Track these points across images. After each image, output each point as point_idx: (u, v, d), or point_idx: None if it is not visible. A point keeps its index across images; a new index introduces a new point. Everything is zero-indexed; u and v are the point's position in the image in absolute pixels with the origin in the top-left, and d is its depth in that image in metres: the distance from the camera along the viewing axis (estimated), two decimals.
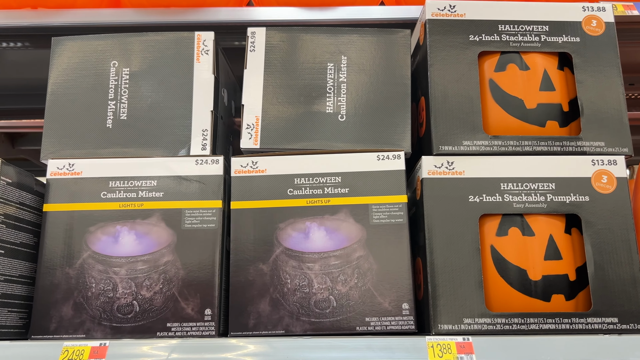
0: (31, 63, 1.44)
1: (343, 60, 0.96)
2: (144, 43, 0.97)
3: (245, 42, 1.17)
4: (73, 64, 0.97)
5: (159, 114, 0.94)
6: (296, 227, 0.88)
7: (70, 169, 0.90)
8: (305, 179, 0.90)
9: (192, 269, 0.86)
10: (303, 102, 0.95)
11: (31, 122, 1.84)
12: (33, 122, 1.84)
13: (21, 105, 1.64)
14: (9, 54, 1.37)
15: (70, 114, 0.95)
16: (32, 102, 1.62)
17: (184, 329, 0.83)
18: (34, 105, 1.62)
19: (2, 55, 1.39)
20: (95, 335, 0.83)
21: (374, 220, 0.88)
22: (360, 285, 0.85)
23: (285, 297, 0.85)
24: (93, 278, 0.86)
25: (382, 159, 0.90)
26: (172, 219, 0.88)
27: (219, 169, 0.90)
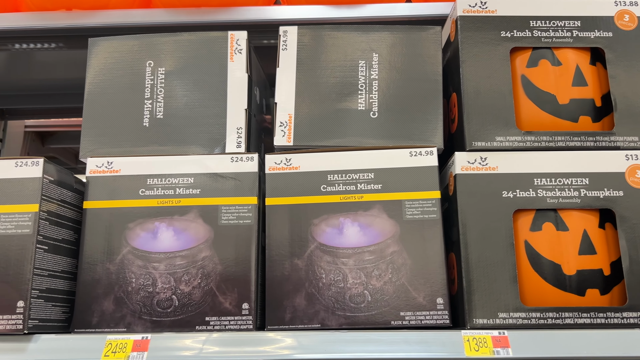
0: (60, 63, 1.47)
1: (374, 57, 0.97)
2: (178, 43, 0.99)
3: (273, 40, 1.20)
4: (109, 63, 0.99)
5: (194, 113, 0.96)
6: (330, 222, 0.89)
7: (109, 167, 0.93)
8: (339, 175, 0.91)
9: (229, 264, 0.88)
10: (335, 100, 0.96)
11: (61, 121, 1.88)
12: (62, 121, 1.88)
13: (50, 104, 1.67)
14: (38, 54, 1.40)
15: (108, 113, 0.97)
16: (61, 101, 1.65)
17: (222, 322, 0.85)
18: (63, 104, 1.65)
19: (32, 56, 1.42)
20: (136, 329, 0.85)
21: (407, 216, 0.89)
22: (394, 280, 0.86)
23: (320, 291, 0.87)
24: (133, 273, 0.88)
25: (414, 155, 0.91)
26: (209, 215, 0.90)
27: (254, 166, 0.92)
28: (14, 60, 1.44)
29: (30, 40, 1.26)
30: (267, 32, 1.16)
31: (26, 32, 1.21)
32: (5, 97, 1.62)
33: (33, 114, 1.73)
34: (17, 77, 1.53)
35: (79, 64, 1.42)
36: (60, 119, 1.85)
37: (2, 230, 0.83)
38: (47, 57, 1.43)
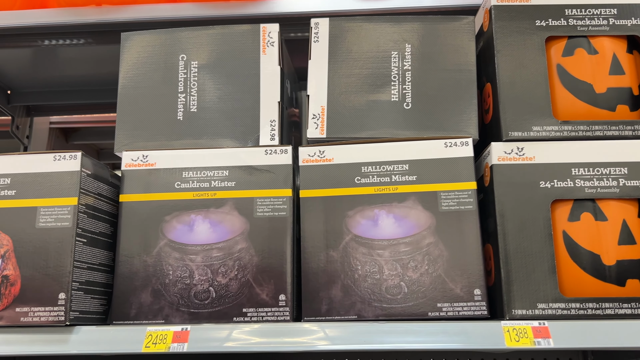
0: (85, 59, 1.47)
1: (407, 48, 0.97)
2: (211, 36, 0.99)
3: (300, 33, 1.20)
4: (142, 58, 1.00)
5: (227, 106, 0.96)
6: (365, 214, 0.89)
7: (144, 161, 0.93)
8: (373, 167, 0.91)
9: (265, 256, 0.88)
10: (368, 91, 0.96)
11: (84, 118, 1.90)
12: (86, 118, 1.90)
13: (75, 100, 1.68)
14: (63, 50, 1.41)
15: (142, 107, 0.98)
16: (86, 97, 1.66)
17: (260, 314, 0.85)
18: (88, 100, 1.66)
19: (57, 52, 1.43)
20: (174, 320, 0.86)
21: (443, 207, 0.88)
22: (431, 271, 0.86)
23: (356, 283, 0.87)
24: (170, 265, 0.88)
25: (449, 146, 0.91)
26: (244, 208, 0.90)
27: (288, 159, 0.92)
28: (39, 57, 1.45)
29: (59, 36, 1.27)
30: (296, 25, 1.16)
31: (56, 28, 1.22)
32: (31, 94, 1.63)
33: (58, 111, 1.74)
34: (43, 73, 1.55)
35: (104, 60, 1.44)
36: (84, 115, 1.86)
37: (43, 223, 0.84)
38: (72, 53, 1.43)
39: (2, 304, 0.82)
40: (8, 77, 1.54)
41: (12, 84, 1.58)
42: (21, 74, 1.53)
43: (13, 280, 0.82)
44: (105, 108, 1.70)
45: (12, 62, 1.45)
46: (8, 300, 0.82)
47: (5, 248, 0.84)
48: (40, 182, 0.86)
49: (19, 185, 0.86)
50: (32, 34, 1.28)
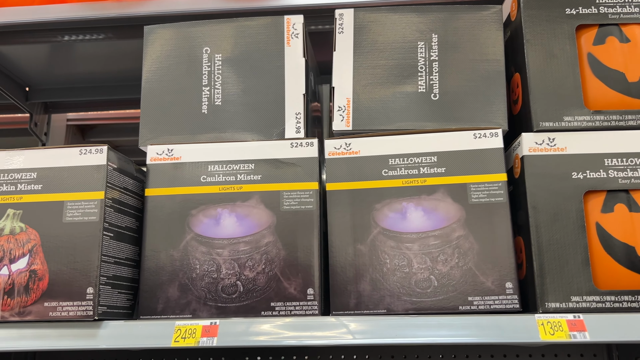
0: (104, 55, 1.47)
1: (434, 38, 0.95)
2: (235, 29, 0.98)
3: (321, 26, 1.19)
4: (166, 51, 0.99)
5: (252, 99, 0.95)
6: (393, 207, 0.88)
7: (169, 154, 0.93)
8: (400, 159, 0.90)
9: (292, 250, 0.87)
10: (394, 82, 0.94)
11: (101, 114, 1.89)
12: (102, 114, 1.90)
13: (93, 97, 1.68)
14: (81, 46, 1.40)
15: (166, 100, 0.97)
16: (103, 93, 1.66)
17: (288, 308, 0.84)
18: (105, 96, 1.66)
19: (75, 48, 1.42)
20: (201, 315, 0.85)
21: (472, 199, 0.87)
22: (461, 264, 0.85)
23: (385, 276, 0.85)
24: (197, 260, 0.88)
25: (478, 137, 0.89)
26: (270, 201, 0.89)
27: (314, 152, 0.91)
28: (58, 53, 1.45)
29: (79, 31, 1.26)
30: (317, 17, 1.15)
31: (75, 23, 1.21)
32: (49, 91, 1.63)
33: (76, 107, 1.74)
34: (61, 70, 1.54)
35: (124, 56, 1.43)
36: (101, 112, 1.86)
37: (69, 217, 0.84)
38: (92, 49, 1.43)
39: (30, 298, 0.81)
40: (26, 74, 1.54)
41: (30, 80, 1.58)
42: (39, 70, 1.53)
43: (41, 274, 0.82)
44: (123, 104, 1.70)
45: (30, 58, 1.45)
46: (36, 294, 0.81)
47: (32, 242, 0.83)
48: (66, 176, 0.86)
49: (45, 180, 0.86)
50: (51, 29, 1.27)
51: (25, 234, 0.84)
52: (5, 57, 1.43)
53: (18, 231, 0.84)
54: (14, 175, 0.86)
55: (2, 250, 0.83)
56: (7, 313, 0.81)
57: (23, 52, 1.41)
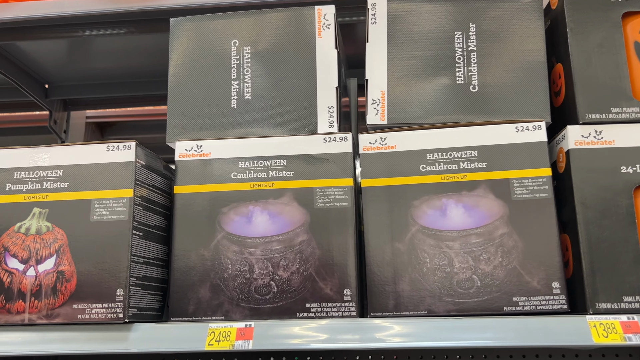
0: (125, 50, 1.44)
1: (471, 28, 0.91)
2: (264, 20, 0.95)
3: (348, 18, 1.15)
4: (193, 44, 0.96)
5: (283, 93, 0.92)
6: (432, 204, 0.85)
7: (198, 151, 0.89)
8: (439, 154, 0.86)
9: (327, 249, 0.84)
10: (431, 74, 0.90)
11: (120, 111, 1.87)
12: (121, 112, 1.87)
13: (112, 93, 1.65)
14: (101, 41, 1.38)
15: (194, 95, 0.94)
16: (123, 90, 1.63)
17: (324, 309, 0.81)
18: (125, 93, 1.63)
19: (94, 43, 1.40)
20: (234, 316, 0.82)
21: (516, 195, 0.83)
22: (505, 263, 0.81)
23: (425, 276, 0.82)
24: (229, 259, 0.84)
25: (521, 131, 0.85)
26: (304, 198, 0.86)
27: (348, 146, 0.87)
28: (78, 48, 1.42)
29: (101, 26, 1.24)
30: (344, 9, 1.11)
31: (97, 17, 1.19)
32: (68, 87, 1.61)
33: (95, 104, 1.72)
34: (80, 66, 1.52)
35: (145, 50, 1.40)
36: (121, 109, 1.84)
37: (97, 216, 0.81)
38: (111, 44, 1.40)
39: (58, 300, 0.79)
40: (45, 70, 1.52)
41: (49, 77, 1.56)
42: (58, 66, 1.50)
43: (69, 275, 0.79)
44: (144, 101, 1.68)
45: (49, 54, 1.42)
46: (64, 296, 0.79)
47: (59, 242, 0.81)
48: (93, 173, 0.83)
49: (72, 178, 0.83)
50: (72, 24, 1.25)
51: (52, 234, 0.81)
52: (25, 54, 1.40)
53: (44, 231, 0.81)
54: (40, 172, 0.84)
55: (29, 250, 0.81)
56: (35, 315, 0.78)
57: (42, 48, 1.39)
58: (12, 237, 0.81)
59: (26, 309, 0.78)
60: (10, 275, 0.80)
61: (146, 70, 1.54)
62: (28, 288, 0.79)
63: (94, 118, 1.82)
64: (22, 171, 0.84)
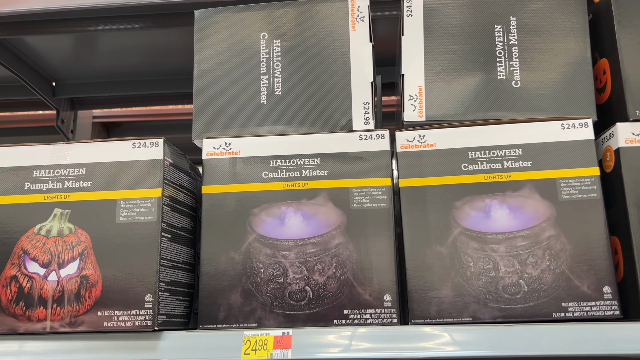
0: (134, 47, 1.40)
1: (512, 21, 0.87)
2: (294, 12, 0.90)
3: (380, 12, 1.10)
4: (220, 38, 0.91)
5: (315, 88, 0.87)
6: (474, 205, 0.80)
7: (227, 149, 0.85)
8: (481, 152, 0.82)
9: (365, 252, 0.79)
10: (470, 69, 0.87)
11: (127, 111, 1.82)
12: (129, 111, 1.82)
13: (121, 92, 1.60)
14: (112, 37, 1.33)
15: (221, 90, 0.89)
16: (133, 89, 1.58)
17: (363, 316, 0.77)
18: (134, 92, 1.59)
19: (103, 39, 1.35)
20: (268, 324, 0.78)
21: (563, 196, 0.79)
22: (553, 267, 0.77)
23: (469, 281, 0.78)
24: (261, 263, 0.80)
25: (567, 128, 0.81)
26: (339, 199, 0.81)
27: (385, 144, 0.83)
28: (86, 45, 1.37)
29: (117, 20, 1.19)
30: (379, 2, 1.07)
31: (114, 10, 1.14)
32: (75, 86, 1.56)
33: (103, 103, 1.67)
34: (89, 63, 1.47)
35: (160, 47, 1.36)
36: (127, 108, 1.79)
37: (124, 217, 0.76)
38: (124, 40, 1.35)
39: (82, 307, 0.74)
40: (53, 67, 1.47)
41: (57, 74, 1.51)
42: (66, 63, 1.45)
43: (93, 280, 0.74)
44: (154, 100, 1.63)
45: (57, 50, 1.37)
46: (89, 303, 0.74)
47: (83, 245, 0.76)
48: (118, 172, 0.78)
49: (96, 176, 0.78)
50: (86, 18, 1.20)
51: (75, 236, 0.76)
52: (32, 49, 1.35)
53: (67, 233, 0.76)
54: (61, 171, 0.79)
55: (50, 253, 0.76)
56: (57, 323, 0.73)
57: (50, 43, 1.34)
58: (32, 240, 0.77)
59: (48, 316, 0.73)
60: (31, 281, 0.75)
61: (158, 69, 1.50)
62: (50, 294, 0.74)
63: (100, 118, 1.77)
64: (41, 169, 0.79)
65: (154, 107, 1.80)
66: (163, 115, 1.86)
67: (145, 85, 1.57)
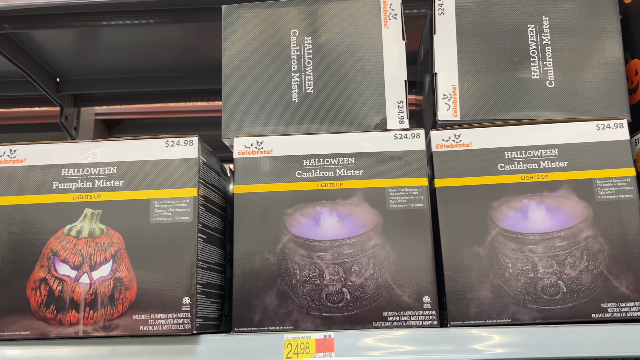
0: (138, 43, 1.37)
1: (544, 21, 0.87)
2: (325, 9, 0.89)
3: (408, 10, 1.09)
4: (249, 34, 0.89)
5: (348, 86, 0.86)
6: (512, 205, 0.80)
7: (259, 148, 0.83)
8: (517, 152, 0.81)
9: (403, 253, 0.78)
10: (504, 68, 0.86)
11: (129, 109, 1.79)
12: (130, 109, 1.79)
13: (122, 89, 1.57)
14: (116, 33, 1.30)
15: (251, 88, 0.87)
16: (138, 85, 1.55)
17: (402, 318, 0.76)
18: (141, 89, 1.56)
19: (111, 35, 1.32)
20: (304, 326, 0.76)
21: (600, 196, 0.79)
22: (591, 268, 0.77)
23: (507, 282, 0.77)
24: (296, 264, 0.78)
25: (602, 129, 0.81)
26: (375, 199, 0.80)
27: (421, 144, 0.82)
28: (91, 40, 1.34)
29: (131, 15, 1.16)
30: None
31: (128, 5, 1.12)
32: (79, 82, 1.52)
33: (105, 100, 1.63)
34: (93, 59, 1.44)
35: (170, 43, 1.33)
36: (128, 105, 1.75)
37: (158, 218, 0.74)
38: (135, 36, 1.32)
39: (116, 310, 0.71)
40: (58, 63, 1.43)
41: (61, 70, 1.47)
42: (71, 59, 1.42)
43: (128, 283, 0.72)
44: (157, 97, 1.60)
45: (62, 45, 1.34)
46: (123, 306, 0.71)
47: (116, 247, 0.73)
48: (151, 171, 0.76)
49: (127, 175, 0.76)
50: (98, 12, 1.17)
51: (107, 237, 0.74)
52: (38, 44, 1.32)
53: (98, 233, 0.74)
54: (90, 170, 0.76)
55: (81, 255, 0.73)
56: (90, 327, 0.71)
57: (55, 38, 1.30)
58: (62, 241, 0.74)
59: (80, 320, 0.71)
60: (61, 283, 0.72)
61: (163, 65, 1.47)
62: (82, 297, 0.72)
63: (102, 115, 1.73)
64: (70, 168, 0.77)
65: (155, 105, 1.77)
66: (165, 113, 1.84)
67: (151, 82, 1.55)
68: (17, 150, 0.78)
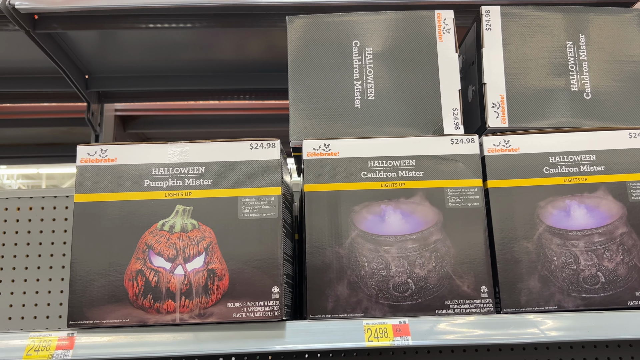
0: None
1: (581, 38, 0.97)
2: (385, 22, 0.96)
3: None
4: (313, 43, 0.96)
5: (406, 94, 0.94)
6: (556, 205, 0.89)
7: (326, 150, 0.90)
8: (560, 157, 0.91)
9: (462, 247, 0.87)
10: (546, 80, 0.95)
11: (145, 105, 1.82)
12: (147, 105, 1.82)
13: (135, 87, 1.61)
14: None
15: (317, 94, 0.94)
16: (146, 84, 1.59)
17: (462, 306, 0.84)
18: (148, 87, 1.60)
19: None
20: (374, 313, 0.84)
21: (633, 197, 0.89)
22: (626, 261, 0.87)
23: (553, 273, 0.86)
24: (364, 257, 0.86)
25: (634, 137, 0.91)
26: (435, 198, 0.88)
27: (475, 148, 0.90)
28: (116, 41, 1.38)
29: (175, 18, 1.21)
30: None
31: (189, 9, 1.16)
32: (105, 79, 1.55)
33: (127, 97, 1.67)
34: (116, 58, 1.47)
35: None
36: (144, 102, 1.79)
37: (246, 214, 0.80)
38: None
39: (210, 299, 0.78)
40: (87, 61, 1.46)
41: (90, 68, 1.50)
42: (98, 57, 1.45)
43: (220, 274, 0.78)
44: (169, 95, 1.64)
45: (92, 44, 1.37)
46: (217, 295, 0.78)
47: (207, 240, 0.79)
48: (237, 170, 0.82)
49: (215, 175, 0.82)
50: (138, 15, 1.22)
51: (199, 232, 0.80)
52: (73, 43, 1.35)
53: (190, 228, 0.80)
54: (180, 169, 0.82)
55: (175, 248, 0.79)
56: (187, 315, 0.77)
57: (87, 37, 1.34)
58: (156, 235, 0.79)
59: (177, 308, 0.77)
60: (157, 274, 0.78)
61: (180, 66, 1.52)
62: (177, 287, 0.77)
63: (122, 111, 1.77)
64: (160, 167, 0.82)
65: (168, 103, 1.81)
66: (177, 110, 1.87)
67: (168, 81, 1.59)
68: (107, 150, 0.82)
